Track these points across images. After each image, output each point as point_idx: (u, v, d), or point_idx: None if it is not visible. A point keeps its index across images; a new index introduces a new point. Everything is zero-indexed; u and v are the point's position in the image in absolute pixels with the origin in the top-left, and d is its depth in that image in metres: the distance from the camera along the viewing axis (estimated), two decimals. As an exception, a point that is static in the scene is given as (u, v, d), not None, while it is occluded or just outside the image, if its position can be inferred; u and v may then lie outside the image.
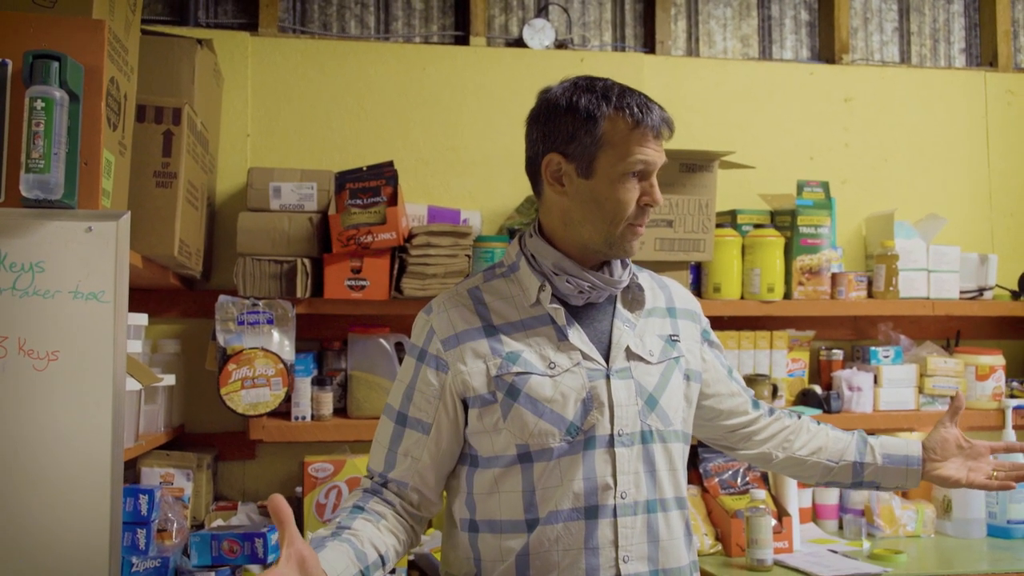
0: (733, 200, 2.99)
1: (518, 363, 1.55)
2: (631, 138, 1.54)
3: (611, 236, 1.57)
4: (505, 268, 1.67)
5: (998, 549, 2.72)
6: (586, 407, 1.54)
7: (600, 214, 1.56)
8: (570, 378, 1.55)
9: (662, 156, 1.58)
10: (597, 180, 1.56)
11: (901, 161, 3.24)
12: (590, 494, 1.52)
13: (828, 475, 1.85)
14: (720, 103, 3.14)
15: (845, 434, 1.87)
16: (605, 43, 3.19)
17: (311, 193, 2.62)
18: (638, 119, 1.54)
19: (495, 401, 1.55)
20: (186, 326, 2.75)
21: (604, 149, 1.54)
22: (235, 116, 2.83)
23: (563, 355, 1.56)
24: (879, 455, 1.83)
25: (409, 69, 2.95)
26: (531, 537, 1.53)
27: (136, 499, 2.23)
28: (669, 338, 1.66)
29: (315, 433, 2.58)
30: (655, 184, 1.57)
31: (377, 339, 2.68)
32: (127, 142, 2.00)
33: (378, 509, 1.57)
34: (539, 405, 1.53)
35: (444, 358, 1.58)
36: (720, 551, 2.64)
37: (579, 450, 1.53)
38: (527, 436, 1.53)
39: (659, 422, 1.59)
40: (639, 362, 1.60)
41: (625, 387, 1.57)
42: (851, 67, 3.26)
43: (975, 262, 3.06)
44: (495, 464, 1.57)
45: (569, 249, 1.60)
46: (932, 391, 2.92)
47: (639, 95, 1.59)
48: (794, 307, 2.85)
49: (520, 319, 1.59)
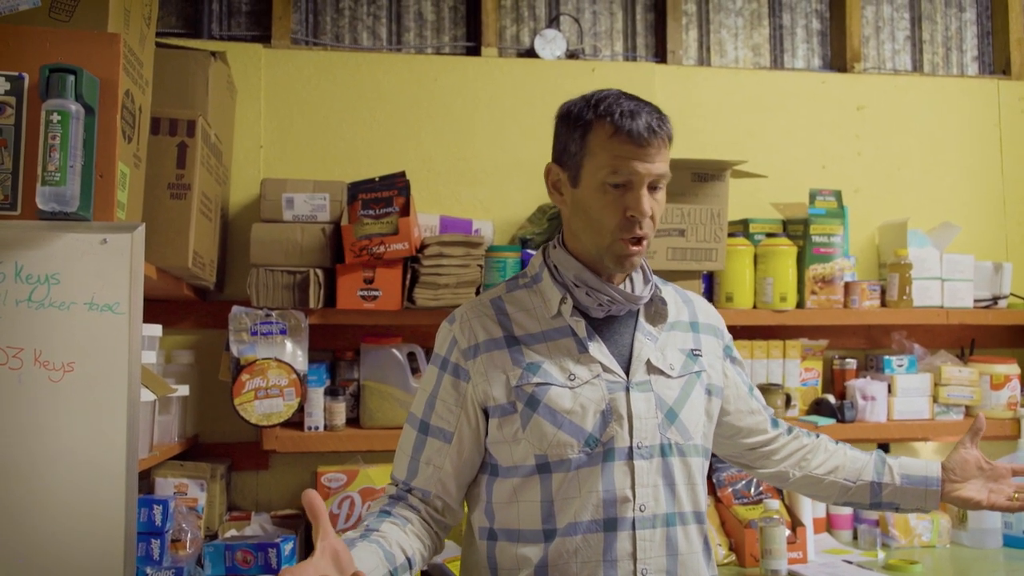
0: (745, 209, 2.99)
1: (538, 374, 1.55)
2: (609, 146, 1.51)
3: (601, 248, 1.56)
4: (528, 279, 1.67)
5: (1014, 559, 2.70)
6: (605, 419, 1.54)
7: (589, 224, 1.56)
8: (589, 390, 1.55)
9: (652, 165, 1.52)
10: (583, 189, 1.56)
11: (914, 169, 3.23)
12: (609, 506, 1.52)
13: (845, 495, 1.82)
14: (732, 112, 3.14)
15: (863, 454, 1.85)
16: (616, 53, 3.20)
17: (324, 204, 2.63)
18: (617, 126, 1.50)
19: (515, 411, 1.55)
20: (200, 337, 2.76)
21: (588, 157, 1.54)
22: (248, 128, 2.85)
23: (583, 367, 1.56)
24: (897, 475, 1.80)
25: (421, 80, 2.96)
26: (549, 548, 1.53)
27: (150, 509, 2.24)
28: (691, 352, 1.66)
29: (328, 443, 2.58)
30: (642, 195, 1.52)
31: (390, 349, 2.68)
32: (142, 154, 2.01)
33: (404, 514, 1.59)
34: (558, 416, 1.53)
35: (465, 367, 1.59)
36: (734, 561, 2.63)
37: (598, 462, 1.53)
38: (545, 447, 1.53)
39: (679, 436, 1.58)
40: (660, 375, 1.59)
41: (645, 400, 1.56)
42: (863, 76, 3.26)
43: (989, 271, 3.05)
44: (514, 474, 1.57)
45: (586, 261, 1.60)
46: (947, 400, 2.90)
47: (632, 102, 1.54)
48: (807, 316, 2.84)
49: (541, 330, 1.60)
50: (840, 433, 2.80)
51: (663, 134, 1.53)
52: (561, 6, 3.16)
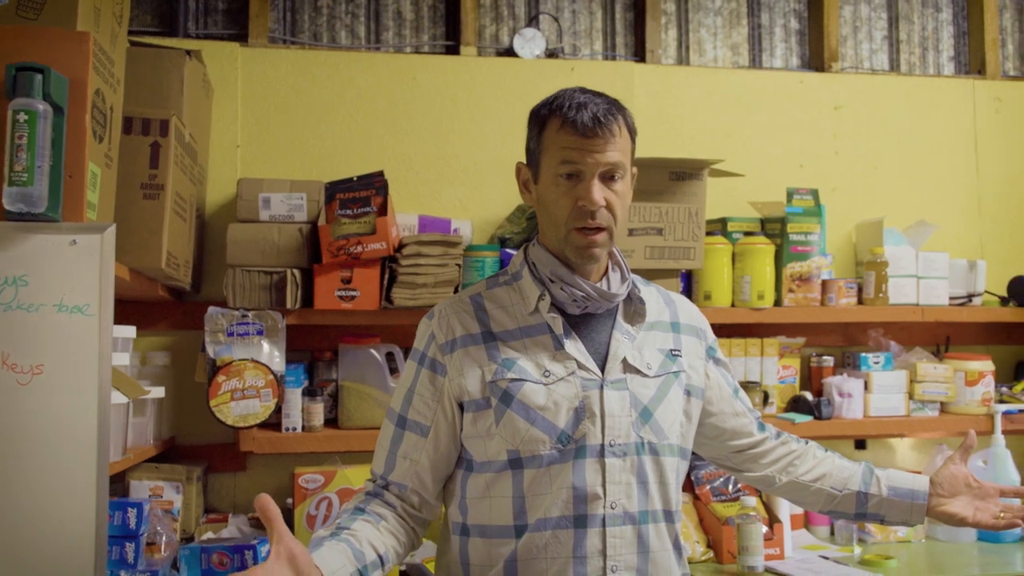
0: (723, 208, 2.99)
1: (513, 370, 1.56)
2: (558, 139, 1.55)
3: (561, 241, 1.59)
4: (509, 276, 1.69)
5: (988, 553, 2.72)
6: (578, 416, 1.55)
7: (548, 217, 1.60)
8: (564, 387, 1.56)
9: (601, 156, 1.53)
10: (541, 184, 1.61)
11: (891, 168, 3.25)
12: (579, 503, 1.53)
13: (831, 503, 1.81)
14: (710, 111, 3.14)
15: (852, 464, 1.84)
16: (596, 52, 3.20)
17: (301, 203, 2.62)
18: (564, 118, 1.54)
19: (489, 406, 1.56)
20: (176, 338, 2.75)
21: (544, 153, 1.59)
22: (225, 127, 2.83)
23: (558, 364, 1.57)
24: (884, 487, 1.79)
25: (400, 79, 2.95)
26: (520, 543, 1.54)
27: (124, 512, 2.22)
28: (670, 352, 1.66)
29: (306, 444, 2.57)
30: (592, 185, 1.53)
31: (368, 349, 2.67)
32: (113, 154, 2.00)
33: (379, 511, 1.59)
34: (531, 412, 1.54)
35: (442, 362, 1.61)
36: (712, 558, 2.64)
37: (569, 458, 1.54)
38: (518, 442, 1.54)
39: (652, 435, 1.59)
40: (636, 374, 1.60)
41: (619, 398, 1.57)
42: (841, 75, 3.27)
43: (964, 268, 3.07)
44: (488, 469, 1.58)
45: (558, 256, 1.62)
46: (922, 397, 2.92)
47: (586, 95, 1.57)
48: (784, 314, 2.85)
49: (519, 327, 1.61)
50: (817, 430, 2.82)
51: (611, 124, 1.54)
52: (540, 5, 3.15)
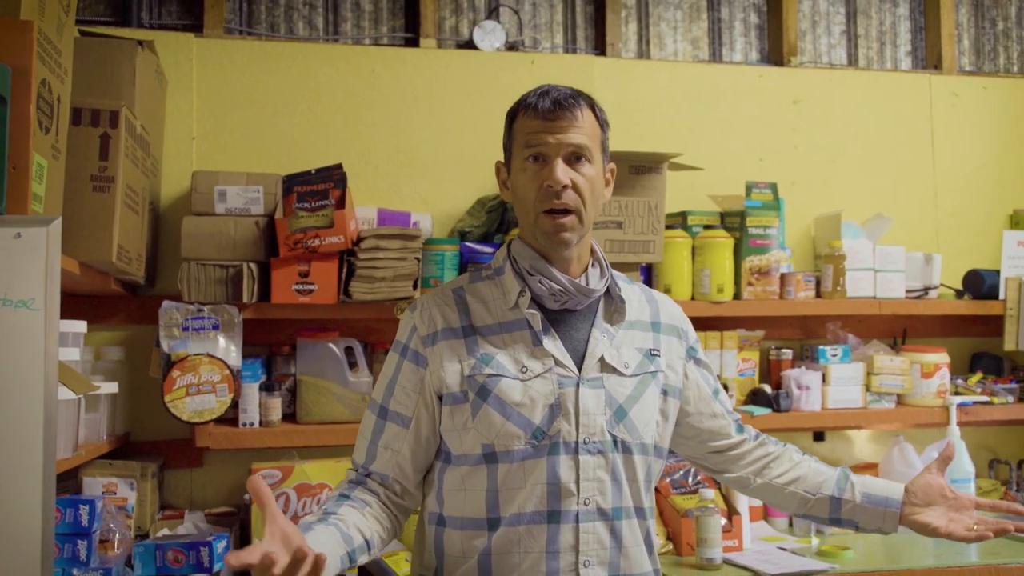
0: (683, 202, 3.00)
1: (491, 365, 1.58)
2: (523, 125, 1.60)
3: (532, 228, 1.62)
4: (491, 271, 1.71)
5: (943, 543, 2.73)
6: (553, 413, 1.56)
7: (519, 205, 1.64)
8: (540, 383, 1.58)
9: (564, 136, 1.56)
10: (513, 173, 1.65)
11: (849, 162, 3.27)
12: (553, 498, 1.55)
13: (805, 507, 1.80)
14: (670, 105, 3.15)
15: (828, 469, 1.82)
16: (556, 45, 3.19)
17: (257, 196, 2.59)
18: (527, 106, 1.60)
19: (466, 400, 1.58)
20: (131, 332, 2.71)
21: (513, 144, 1.64)
22: (180, 119, 2.79)
23: (536, 360, 1.59)
24: (858, 493, 1.77)
25: (358, 71, 2.93)
26: (494, 537, 1.55)
27: (76, 510, 2.19)
28: (649, 352, 1.68)
29: (263, 439, 2.54)
30: (555, 164, 1.56)
31: (326, 343, 2.65)
32: (61, 146, 1.96)
33: (363, 497, 1.61)
34: (507, 407, 1.56)
35: (424, 354, 1.63)
36: (671, 550, 2.65)
37: (543, 454, 1.56)
38: (493, 437, 1.56)
39: (627, 434, 1.60)
40: (613, 373, 1.62)
41: (594, 396, 1.59)
42: (799, 69, 3.29)
43: (920, 262, 3.10)
44: (464, 462, 1.60)
45: (539, 250, 1.64)
46: (879, 389, 2.95)
47: (548, 86, 1.62)
48: (744, 307, 2.87)
49: (498, 322, 1.64)
50: (776, 422, 2.84)
51: (574, 108, 1.57)
52: (501, -3, 3.15)
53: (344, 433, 2.57)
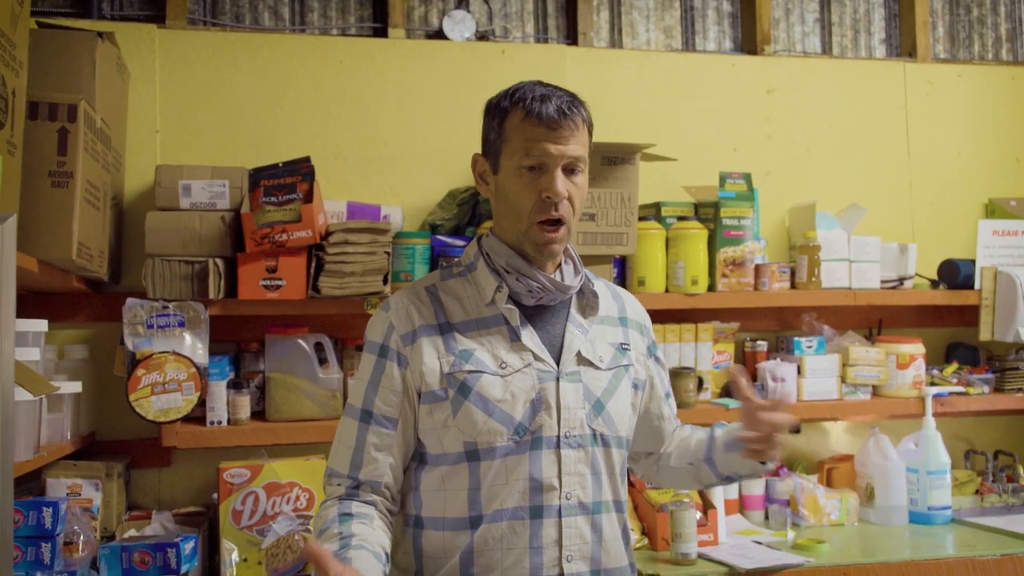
0: (657, 192, 2.98)
1: (471, 361, 1.58)
2: (522, 130, 1.56)
3: (520, 233, 1.60)
4: (463, 268, 1.70)
5: (919, 536, 2.75)
6: (534, 408, 1.56)
7: (509, 209, 1.61)
8: (520, 379, 1.58)
9: (565, 147, 1.55)
10: (501, 175, 1.62)
11: (823, 152, 3.26)
12: (535, 493, 1.55)
13: (697, 476, 1.79)
14: (643, 95, 3.12)
15: (702, 432, 1.81)
16: (528, 34, 3.15)
17: (223, 191, 2.54)
18: (529, 109, 1.56)
19: (446, 398, 1.56)
20: (95, 330, 2.66)
21: (505, 143, 1.60)
22: (143, 112, 2.73)
23: (515, 355, 1.59)
24: (720, 444, 1.74)
25: (326, 62, 2.88)
26: (476, 535, 1.54)
27: (39, 512, 2.15)
28: (620, 346, 1.69)
29: (231, 438, 2.50)
30: (555, 175, 1.56)
31: (296, 340, 2.61)
32: (17, 140, 1.90)
33: (364, 512, 1.57)
34: (489, 404, 1.55)
35: (404, 353, 1.60)
36: (646, 545, 2.64)
37: (525, 450, 1.56)
38: (475, 434, 1.55)
39: (605, 427, 1.61)
40: (589, 367, 1.63)
41: (574, 390, 1.59)
42: (773, 58, 3.26)
43: (895, 252, 3.09)
44: (442, 462, 1.59)
45: (514, 247, 1.63)
46: (854, 380, 2.94)
47: (547, 89, 1.60)
48: (718, 299, 2.85)
49: (474, 318, 1.63)
50: (751, 415, 2.82)
51: (575, 117, 1.57)
52: (471, -14, 3.10)
53: (314, 430, 2.54)
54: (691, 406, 2.79)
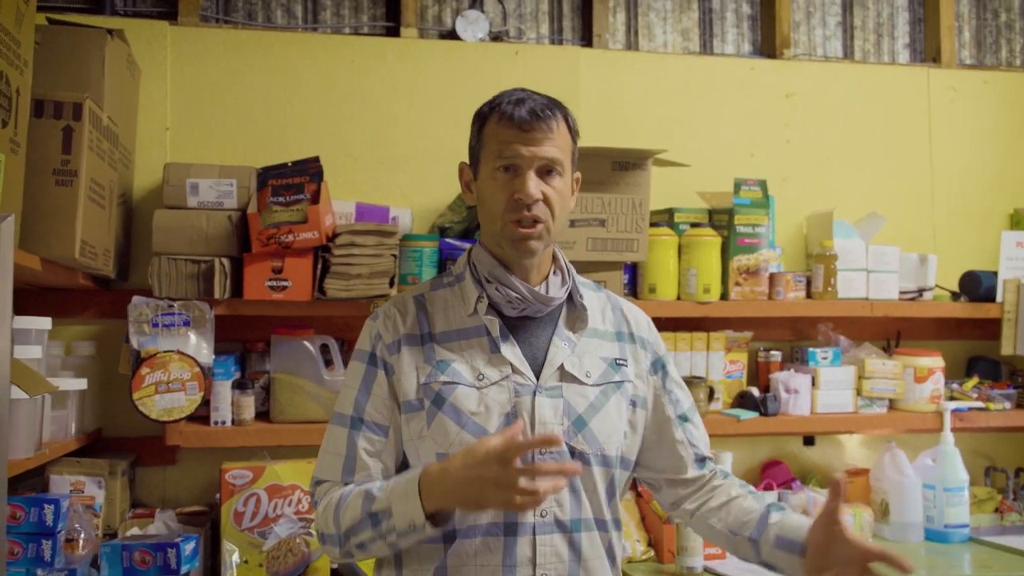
0: (672, 198, 2.93)
1: (447, 372, 1.56)
2: (497, 133, 1.56)
3: (497, 235, 1.59)
4: (452, 277, 1.68)
5: (935, 554, 2.69)
6: (508, 422, 1.52)
7: (485, 212, 1.60)
8: (496, 391, 1.55)
9: (538, 149, 1.54)
10: (480, 179, 1.61)
11: (843, 158, 3.19)
12: (509, 512, 1.49)
13: (734, 547, 1.65)
14: (659, 98, 3.07)
15: (757, 505, 1.64)
16: (542, 35, 3.11)
17: (230, 190, 2.52)
18: (502, 112, 1.56)
19: (422, 409, 1.55)
20: (103, 327, 2.65)
21: (483, 148, 1.60)
22: (154, 109, 2.73)
23: (493, 368, 1.56)
24: (772, 536, 1.58)
25: (338, 61, 2.86)
26: (450, 550, 1.51)
27: (40, 509, 2.15)
28: (614, 362, 1.64)
29: (235, 438, 2.49)
30: (527, 177, 1.53)
31: (301, 341, 2.59)
32: (21, 139, 1.90)
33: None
34: (462, 416, 1.53)
35: (390, 361, 1.59)
36: (652, 557, 2.60)
37: None
38: (448, 446, 1.52)
39: (585, 444, 1.56)
40: (573, 383, 1.58)
41: (552, 405, 1.55)
42: (793, 62, 3.20)
43: (915, 262, 3.02)
44: None
45: (497, 255, 1.61)
46: (870, 393, 2.88)
47: (524, 93, 1.59)
48: (731, 308, 2.80)
49: (456, 328, 1.61)
50: (763, 427, 2.78)
51: (549, 120, 1.55)
52: (486, -15, 3.07)
53: (318, 432, 2.45)
54: (702, 416, 2.73)
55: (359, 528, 1.48)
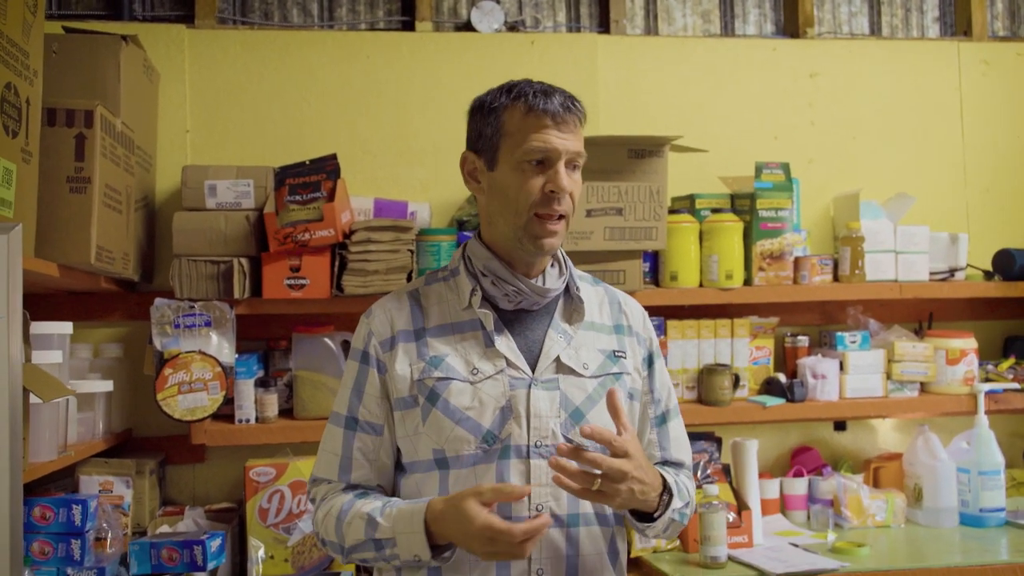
0: (694, 184, 2.89)
1: (440, 368, 1.56)
2: (525, 124, 1.53)
3: (518, 228, 1.56)
4: (447, 272, 1.68)
5: (970, 539, 2.63)
6: (504, 416, 1.53)
7: (506, 204, 1.56)
8: (491, 385, 1.54)
9: (568, 142, 1.54)
10: (500, 171, 1.57)
11: (870, 138, 3.12)
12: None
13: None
14: (679, 83, 3.03)
15: None
16: (559, 24, 3.08)
17: (248, 190, 2.55)
18: (531, 105, 1.54)
19: (416, 405, 1.56)
20: (130, 329, 2.70)
21: (504, 139, 1.56)
22: (173, 112, 2.76)
23: (488, 362, 1.56)
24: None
25: (354, 58, 2.86)
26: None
27: (69, 510, 2.20)
28: (613, 353, 1.64)
29: (259, 436, 2.52)
30: (560, 170, 1.53)
31: (322, 338, 2.61)
32: (32, 148, 1.93)
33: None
34: (457, 412, 1.53)
35: (383, 359, 1.59)
36: (678, 547, 2.58)
37: (494, 459, 1.52)
38: (443, 441, 1.53)
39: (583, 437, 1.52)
40: (570, 375, 1.58)
41: (548, 398, 1.55)
42: (817, 41, 3.13)
43: (945, 242, 2.95)
44: (416, 469, 1.58)
45: (499, 250, 1.60)
46: (900, 377, 2.82)
47: (543, 85, 1.58)
48: (755, 293, 2.76)
49: (451, 323, 1.60)
50: (790, 413, 2.74)
51: (576, 112, 1.56)
52: (501, -25, 3.05)
53: None
54: (726, 404, 2.71)
55: (362, 548, 1.52)
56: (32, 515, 2.16)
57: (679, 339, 2.76)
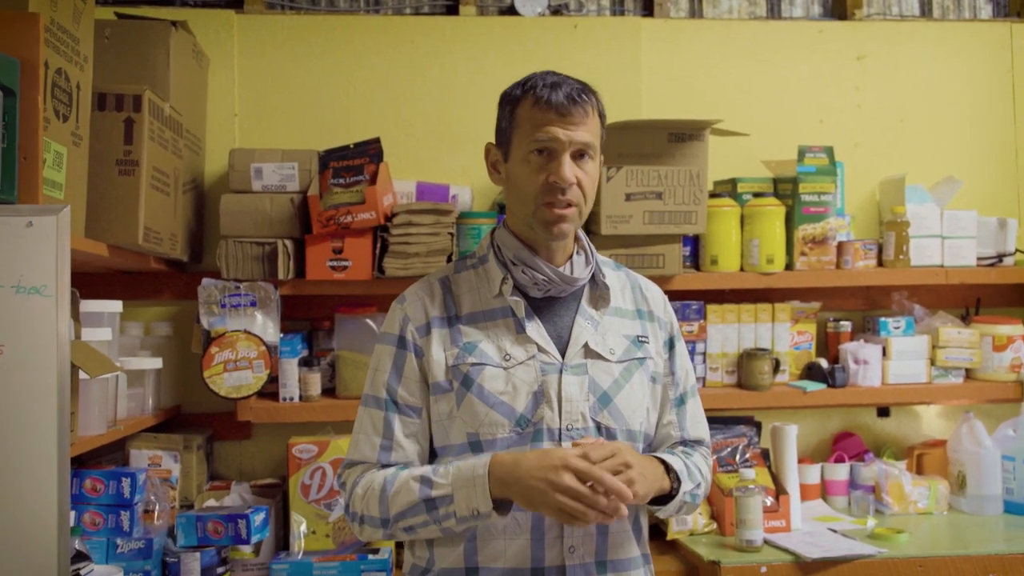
0: (737, 167, 2.88)
1: (474, 354, 1.59)
2: (532, 116, 1.57)
3: (528, 217, 1.60)
4: (476, 259, 1.72)
5: (1014, 527, 2.60)
6: (536, 400, 1.57)
7: (517, 194, 1.62)
8: (523, 371, 1.58)
9: (574, 133, 1.56)
10: (512, 162, 1.62)
11: (919, 122, 3.06)
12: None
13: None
14: (723, 66, 3.00)
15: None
16: (603, 7, 3.08)
17: (292, 173, 2.60)
18: (538, 96, 1.57)
19: (451, 390, 1.59)
20: (180, 308, 2.78)
21: (516, 131, 1.61)
22: (222, 96, 2.82)
23: (519, 347, 1.59)
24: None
25: (398, 42, 2.90)
26: (480, 524, 1.53)
27: (119, 483, 2.28)
28: (636, 339, 1.67)
29: (302, 414, 2.58)
30: (563, 160, 1.55)
31: (363, 319, 2.66)
32: (83, 132, 2.00)
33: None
34: (491, 396, 1.57)
35: (420, 344, 1.62)
36: (715, 530, 2.58)
37: (527, 442, 1.56)
38: (477, 426, 1.57)
39: (611, 420, 1.60)
40: (598, 360, 1.62)
41: (578, 383, 1.59)
42: (865, 22, 3.08)
43: (994, 227, 2.89)
44: (449, 453, 1.61)
45: (524, 238, 1.64)
46: (945, 363, 2.78)
47: (558, 77, 1.61)
48: (797, 278, 2.74)
49: (482, 310, 1.64)
50: (831, 398, 2.73)
51: (584, 103, 1.58)
52: (547, -41, 3.04)
53: None
54: (766, 389, 2.71)
55: (412, 512, 1.52)
56: (83, 487, 2.25)
57: (719, 323, 2.76)
